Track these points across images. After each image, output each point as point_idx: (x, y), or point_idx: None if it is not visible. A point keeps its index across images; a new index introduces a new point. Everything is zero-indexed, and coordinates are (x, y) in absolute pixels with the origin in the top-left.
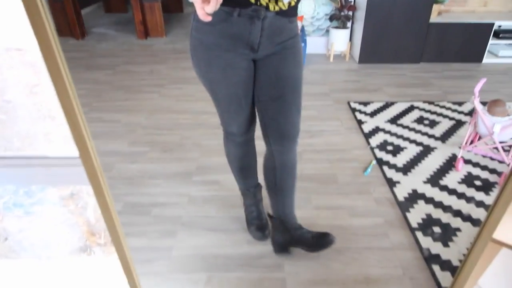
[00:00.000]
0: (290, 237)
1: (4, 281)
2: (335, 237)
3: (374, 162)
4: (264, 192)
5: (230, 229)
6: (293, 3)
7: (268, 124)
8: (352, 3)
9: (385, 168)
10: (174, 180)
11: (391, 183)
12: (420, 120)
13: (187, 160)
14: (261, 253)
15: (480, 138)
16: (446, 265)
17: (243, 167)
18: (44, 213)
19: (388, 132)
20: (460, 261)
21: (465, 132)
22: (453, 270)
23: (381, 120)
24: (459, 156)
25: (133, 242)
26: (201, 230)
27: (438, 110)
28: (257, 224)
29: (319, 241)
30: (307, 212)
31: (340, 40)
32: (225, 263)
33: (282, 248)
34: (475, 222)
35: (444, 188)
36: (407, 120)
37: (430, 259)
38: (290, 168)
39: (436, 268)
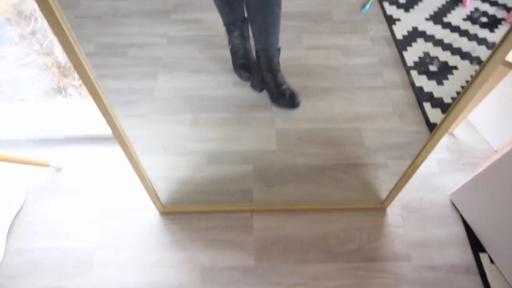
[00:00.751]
0: (261, 76)
1: None
2: (300, 102)
3: None
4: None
5: (214, 71)
6: None
7: None
8: None
9: (386, 4)
10: (150, 18)
11: (391, 21)
12: None
13: None
14: (248, 94)
15: None
16: (438, 103)
17: None
18: (6, 54)
19: None
20: (452, 98)
21: None
22: (444, 107)
23: None
24: None
25: (111, 84)
26: (183, 72)
27: None
28: (243, 63)
29: (283, 96)
30: (297, 51)
31: None
32: (210, 104)
33: (256, 85)
34: (474, 60)
35: (447, 25)
36: None
37: (422, 96)
38: None
39: (426, 105)
